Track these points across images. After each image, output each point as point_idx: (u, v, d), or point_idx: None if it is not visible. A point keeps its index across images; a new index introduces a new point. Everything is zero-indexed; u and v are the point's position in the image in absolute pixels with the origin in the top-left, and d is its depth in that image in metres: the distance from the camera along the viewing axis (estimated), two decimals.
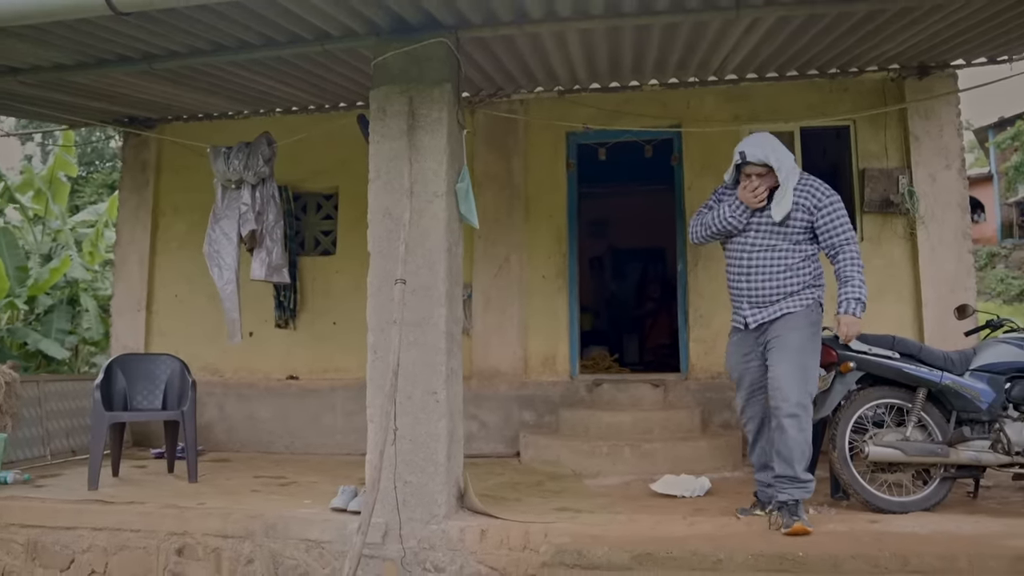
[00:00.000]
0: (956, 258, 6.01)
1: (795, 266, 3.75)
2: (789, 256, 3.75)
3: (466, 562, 3.64)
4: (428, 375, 3.81)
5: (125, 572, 4.05)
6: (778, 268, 3.74)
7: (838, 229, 3.74)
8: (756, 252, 3.79)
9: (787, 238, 3.76)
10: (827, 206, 3.74)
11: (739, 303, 3.88)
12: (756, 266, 3.78)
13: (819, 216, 3.74)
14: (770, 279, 3.75)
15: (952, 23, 4.60)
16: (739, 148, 3.80)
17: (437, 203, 3.92)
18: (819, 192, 3.77)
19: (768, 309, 3.76)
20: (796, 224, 3.75)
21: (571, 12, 4.00)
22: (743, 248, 3.83)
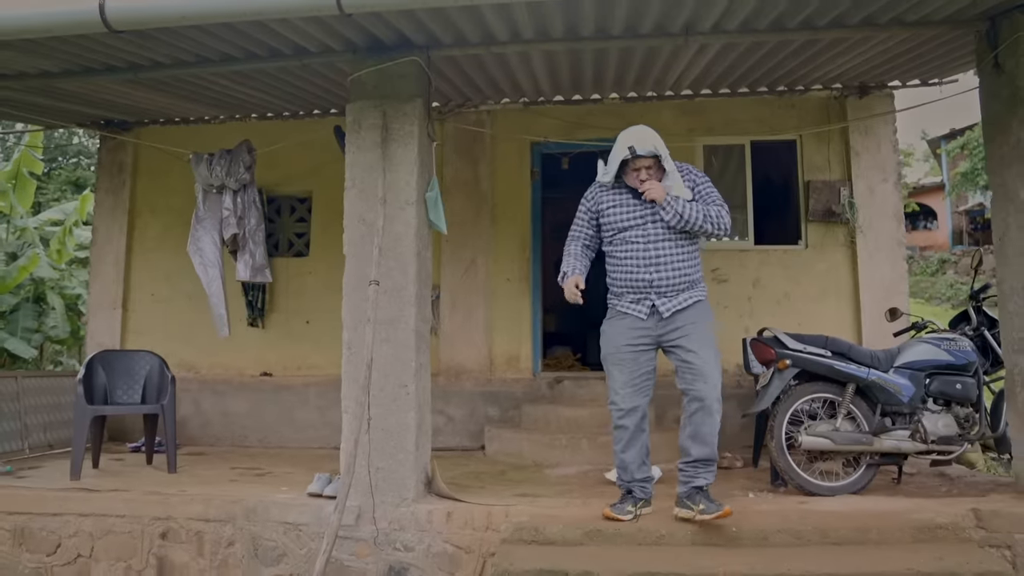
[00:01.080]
0: (891, 264, 6.47)
1: (694, 255, 3.83)
2: (688, 245, 3.79)
3: (433, 541, 3.95)
4: (399, 370, 4.11)
5: (110, 555, 4.28)
6: (682, 257, 3.76)
7: (714, 195, 3.85)
8: (660, 243, 3.74)
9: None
10: (704, 182, 3.87)
11: (640, 294, 3.77)
12: (663, 256, 3.73)
13: (697, 193, 3.83)
14: (678, 268, 3.73)
15: (882, 51, 5.04)
16: (625, 143, 3.71)
17: (408, 211, 4.22)
18: (694, 173, 3.90)
19: (679, 297, 3.74)
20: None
21: (534, 35, 4.33)
22: (645, 240, 3.75)
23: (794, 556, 3.28)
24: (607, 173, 3.85)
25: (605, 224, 3.87)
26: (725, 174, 6.90)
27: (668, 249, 3.75)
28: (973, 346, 4.72)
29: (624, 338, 3.79)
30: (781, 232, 6.85)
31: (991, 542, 3.66)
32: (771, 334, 4.71)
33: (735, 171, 6.89)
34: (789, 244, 6.74)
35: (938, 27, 4.31)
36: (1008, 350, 4.19)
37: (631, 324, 3.79)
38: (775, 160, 7.13)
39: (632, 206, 3.80)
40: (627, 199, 3.83)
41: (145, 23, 3.56)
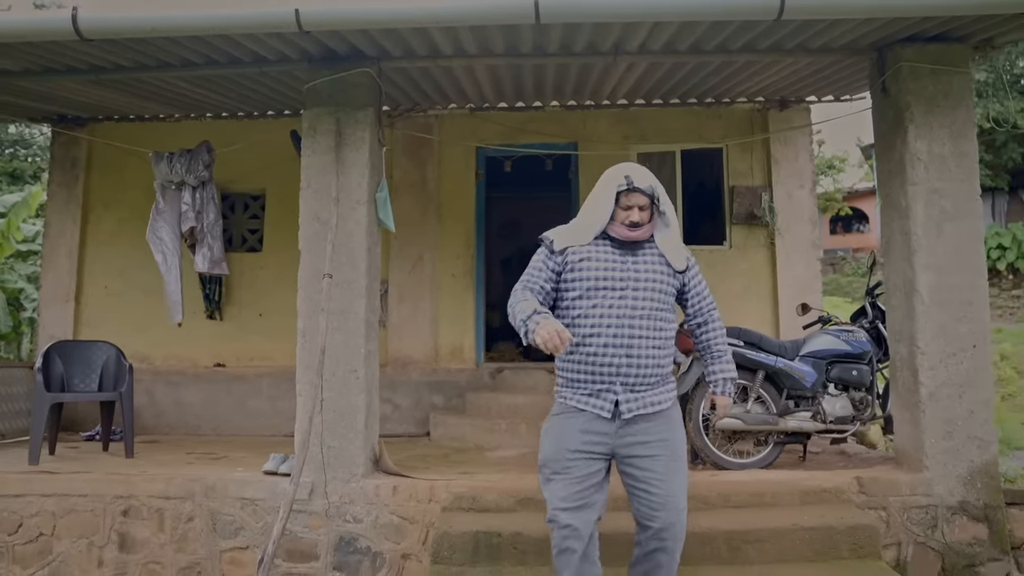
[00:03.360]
0: (806, 264, 7.06)
1: (670, 340, 2.93)
2: (668, 328, 2.90)
3: (381, 513, 4.33)
4: (350, 356, 4.47)
5: (72, 533, 4.53)
6: (659, 341, 2.85)
7: (706, 292, 3.05)
8: (640, 319, 2.82)
9: (666, 300, 2.89)
10: (695, 265, 3.03)
11: (603, 385, 2.83)
12: (641, 336, 2.81)
13: (690, 276, 2.99)
14: (652, 356, 2.83)
15: (794, 71, 5.59)
16: (621, 173, 2.90)
17: (359, 210, 4.58)
18: (685, 249, 3.04)
19: (646, 396, 2.84)
20: (674, 284, 2.95)
21: (477, 51, 4.72)
22: (621, 311, 2.81)
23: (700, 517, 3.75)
24: (592, 214, 2.91)
25: (570, 282, 2.88)
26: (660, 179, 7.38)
27: (648, 329, 2.82)
28: (868, 337, 5.30)
29: (574, 441, 2.83)
30: (709, 233, 7.39)
31: (870, 504, 4.22)
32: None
33: (667, 176, 7.40)
34: (715, 244, 7.28)
35: (837, 54, 4.84)
36: (892, 339, 4.76)
37: (586, 424, 2.84)
38: (704, 166, 7.66)
39: (614, 261, 2.86)
40: (609, 251, 2.88)
41: (116, 33, 3.83)
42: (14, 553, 4.54)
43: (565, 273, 2.89)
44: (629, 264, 2.87)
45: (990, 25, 4.19)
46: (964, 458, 4.32)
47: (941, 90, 4.48)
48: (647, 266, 2.88)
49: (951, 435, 4.33)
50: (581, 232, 2.92)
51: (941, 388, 4.36)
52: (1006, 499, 4.33)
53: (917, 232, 4.45)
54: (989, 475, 4.31)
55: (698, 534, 3.59)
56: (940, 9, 3.68)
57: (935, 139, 4.47)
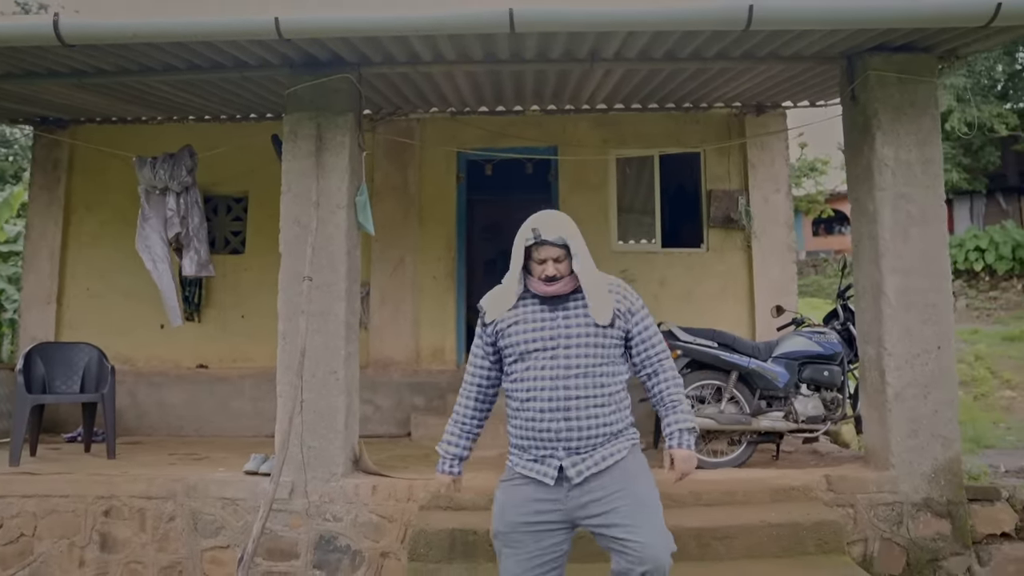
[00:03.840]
0: (781, 267, 7.19)
1: (619, 394, 2.71)
2: (610, 380, 2.68)
3: (360, 512, 4.40)
4: (329, 357, 4.54)
5: (54, 533, 4.57)
6: (603, 398, 2.65)
7: (655, 339, 2.79)
8: (572, 376, 2.62)
9: (606, 355, 2.68)
10: (641, 310, 2.78)
11: (544, 448, 2.63)
12: (575, 396, 2.61)
13: (634, 322, 2.75)
14: (596, 415, 2.63)
15: (769, 78, 5.71)
16: (531, 225, 2.70)
17: (339, 213, 4.65)
18: (631, 294, 2.80)
19: (593, 456, 2.62)
20: (614, 336, 2.71)
21: (456, 57, 4.81)
22: (554, 371, 2.63)
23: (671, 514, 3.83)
24: (510, 274, 2.75)
25: (506, 348, 2.73)
26: (639, 183, 7.53)
27: (586, 388, 2.63)
28: (840, 339, 5.42)
29: (521, 512, 2.65)
30: (687, 236, 7.51)
31: (838, 502, 4.34)
32: (666, 328, 5.30)
33: (646, 180, 7.52)
34: (693, 247, 7.40)
35: (808, 61, 4.96)
36: (861, 341, 4.88)
37: (534, 493, 2.64)
38: (682, 170, 7.78)
39: (543, 320, 2.69)
40: (536, 310, 2.71)
41: (98, 39, 3.89)
42: None
43: (499, 340, 2.74)
44: (559, 320, 2.67)
45: (953, 36, 4.33)
46: (929, 456, 4.44)
47: (907, 98, 4.61)
48: (577, 320, 2.66)
49: (916, 434, 4.46)
50: (507, 295, 2.75)
51: (907, 388, 4.49)
52: (969, 495, 4.46)
53: (884, 236, 4.57)
54: (952, 472, 4.43)
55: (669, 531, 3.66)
56: (899, 22, 3.81)
57: (902, 146, 4.60)
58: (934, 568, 4.33)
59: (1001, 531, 4.45)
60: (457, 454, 2.91)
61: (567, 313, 2.69)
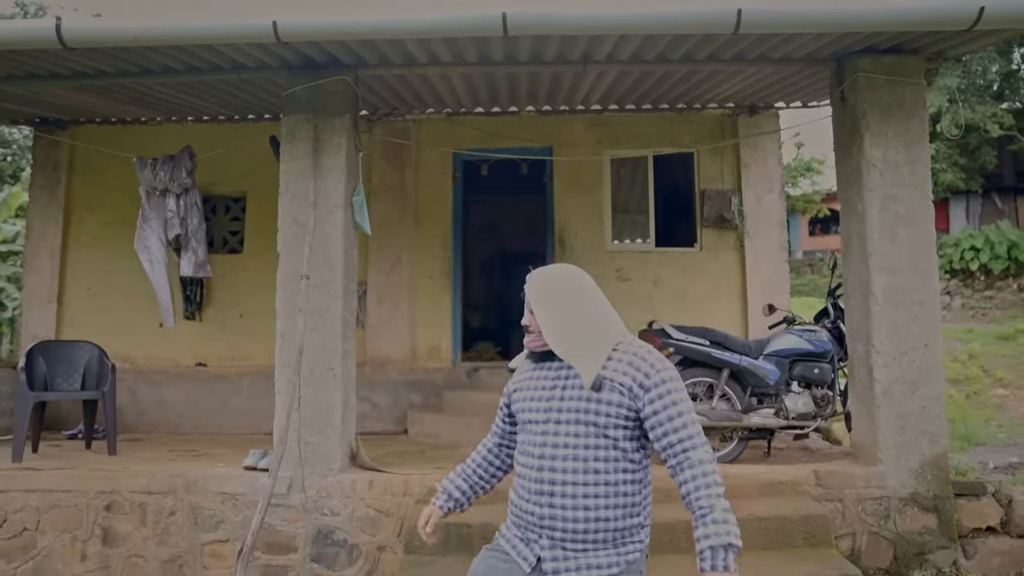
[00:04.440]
0: (774, 266, 7.27)
1: (619, 485, 2.18)
2: (605, 466, 2.18)
3: (357, 506, 4.48)
4: (327, 355, 4.61)
5: (56, 528, 4.64)
6: (594, 486, 2.17)
7: (678, 422, 2.15)
8: (563, 458, 2.19)
9: (600, 434, 2.18)
10: (659, 386, 2.17)
11: (530, 530, 2.24)
12: (560, 481, 2.18)
13: (647, 400, 2.17)
14: (588, 506, 2.16)
15: (760, 79, 5.79)
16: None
17: (336, 213, 4.73)
18: (650, 366, 2.20)
19: (578, 560, 2.18)
20: (611, 411, 2.17)
21: (451, 60, 4.89)
22: (543, 447, 2.23)
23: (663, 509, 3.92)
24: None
25: (515, 415, 2.40)
26: (633, 184, 7.61)
27: (577, 473, 2.17)
28: (830, 337, 5.50)
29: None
30: (680, 236, 7.58)
31: (827, 497, 4.42)
32: (659, 326, 5.38)
33: (640, 180, 7.59)
34: (686, 247, 7.48)
35: (798, 64, 5.04)
36: (850, 338, 4.96)
37: (506, 572, 2.27)
38: (676, 171, 7.86)
39: (541, 388, 2.32)
40: (541, 375, 2.35)
41: (99, 43, 3.96)
42: None
43: (512, 404, 2.41)
44: (557, 390, 2.27)
45: (939, 39, 4.41)
46: (916, 451, 4.53)
47: (895, 100, 4.69)
48: (572, 391, 2.23)
49: (904, 430, 4.54)
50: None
51: (895, 385, 4.57)
52: (955, 490, 4.54)
53: (872, 236, 4.65)
54: (939, 467, 4.52)
55: (660, 524, 3.68)
56: (884, 26, 3.89)
57: (890, 147, 4.68)
58: (920, 561, 4.41)
59: (987, 525, 4.53)
60: (449, 490, 2.54)
61: (565, 383, 2.27)
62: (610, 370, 2.21)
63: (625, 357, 2.23)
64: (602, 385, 2.21)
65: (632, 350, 2.24)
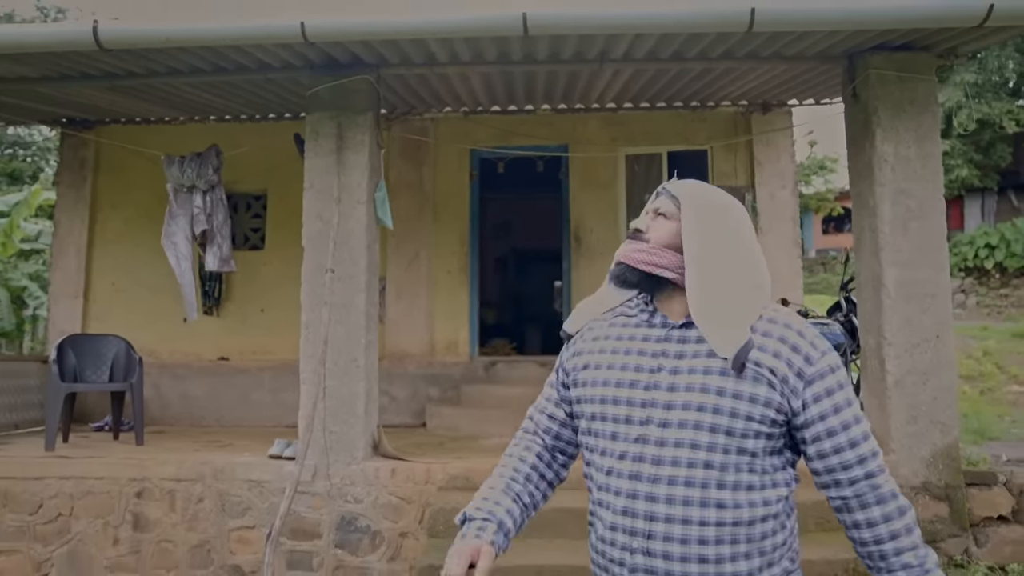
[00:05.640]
0: (788, 262, 7.35)
1: (753, 523, 1.44)
2: (740, 496, 1.44)
3: (380, 494, 4.61)
4: (351, 346, 4.75)
5: (89, 513, 4.80)
6: (716, 524, 1.43)
7: (857, 431, 1.47)
8: (666, 472, 1.44)
9: (736, 446, 1.43)
10: (825, 374, 1.47)
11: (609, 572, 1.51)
12: (664, 512, 1.43)
13: (809, 398, 1.46)
14: (701, 553, 1.43)
15: (773, 77, 5.88)
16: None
17: (359, 209, 4.86)
18: (807, 342, 1.48)
19: None
20: (754, 411, 1.44)
21: (471, 59, 5.00)
22: (635, 460, 1.47)
23: None
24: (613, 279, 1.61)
25: (576, 403, 1.62)
26: (648, 180, 7.70)
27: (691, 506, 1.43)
28: (843, 330, 5.59)
29: None
30: None
31: None
32: None
33: (655, 177, 7.68)
34: None
35: (811, 61, 5.13)
36: (862, 331, 5.04)
37: None
38: (690, 168, 7.92)
39: (633, 356, 1.54)
40: (637, 332, 1.57)
41: (134, 44, 4.11)
42: (35, 532, 4.81)
43: (573, 390, 1.63)
44: (669, 357, 1.50)
45: (950, 36, 4.48)
46: (927, 441, 4.60)
47: (907, 96, 4.76)
48: (695, 373, 1.47)
49: (915, 420, 4.62)
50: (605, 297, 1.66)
51: (906, 376, 4.65)
52: (966, 480, 4.61)
53: (884, 230, 4.73)
54: (951, 457, 4.59)
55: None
56: (896, 23, 3.97)
57: (901, 142, 4.76)
58: (932, 549, 4.48)
59: (998, 514, 4.60)
60: (501, 518, 1.57)
61: (681, 354, 1.50)
62: (754, 348, 1.45)
63: (775, 330, 1.47)
64: (743, 369, 1.44)
65: (784, 321, 1.49)
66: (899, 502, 1.47)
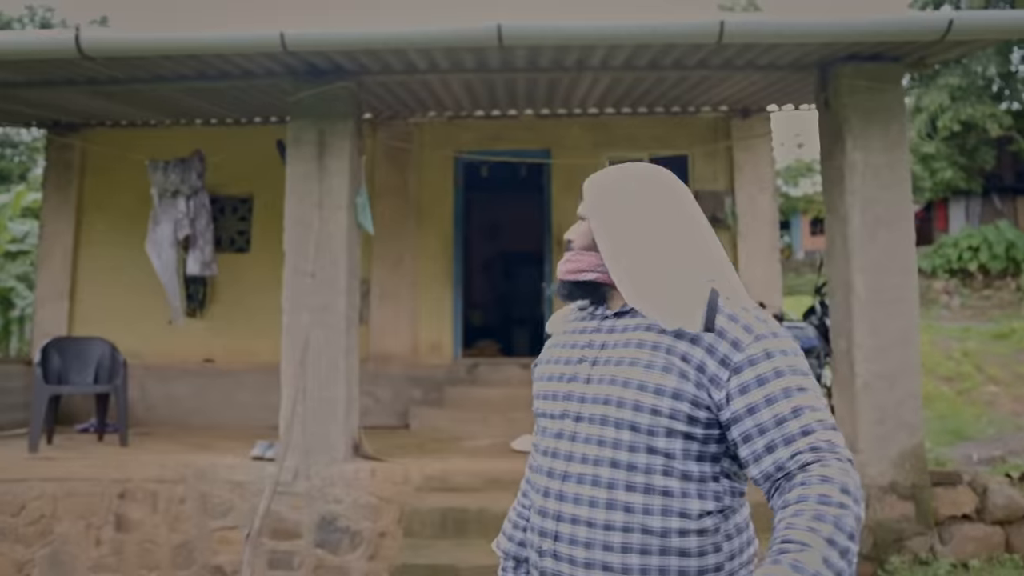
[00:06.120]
0: (767, 265, 7.46)
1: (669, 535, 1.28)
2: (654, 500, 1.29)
3: (359, 494, 4.69)
4: (331, 349, 4.83)
5: (72, 514, 4.86)
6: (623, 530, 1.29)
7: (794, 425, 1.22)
8: (575, 469, 1.35)
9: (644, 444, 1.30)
10: (757, 361, 1.27)
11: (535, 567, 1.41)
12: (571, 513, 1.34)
13: (735, 387, 1.26)
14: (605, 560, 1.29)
15: (750, 84, 5.98)
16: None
17: (340, 214, 4.94)
18: (738, 325, 1.31)
19: None
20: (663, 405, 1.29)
21: (449, 67, 5.09)
22: (549, 450, 1.42)
23: None
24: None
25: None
26: None
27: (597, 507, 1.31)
28: (817, 333, 5.71)
29: None
30: None
31: None
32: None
33: None
34: None
35: (784, 70, 5.25)
36: (833, 335, 5.16)
37: None
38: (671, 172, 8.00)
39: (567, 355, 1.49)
40: (576, 338, 1.51)
41: (117, 52, 4.18)
42: (17, 533, 4.86)
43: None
44: (593, 348, 1.43)
45: (916, 48, 4.60)
46: (894, 443, 4.72)
47: (876, 105, 4.88)
48: (607, 364, 1.38)
49: (883, 422, 4.73)
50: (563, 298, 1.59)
51: (874, 379, 4.76)
52: (933, 480, 4.74)
53: (854, 236, 4.84)
54: (917, 457, 4.71)
55: None
56: (860, 36, 4.09)
57: (871, 150, 4.87)
58: (899, 547, 4.60)
59: (962, 512, 4.73)
60: (511, 551, 1.58)
61: (603, 346, 1.42)
62: (652, 329, 1.35)
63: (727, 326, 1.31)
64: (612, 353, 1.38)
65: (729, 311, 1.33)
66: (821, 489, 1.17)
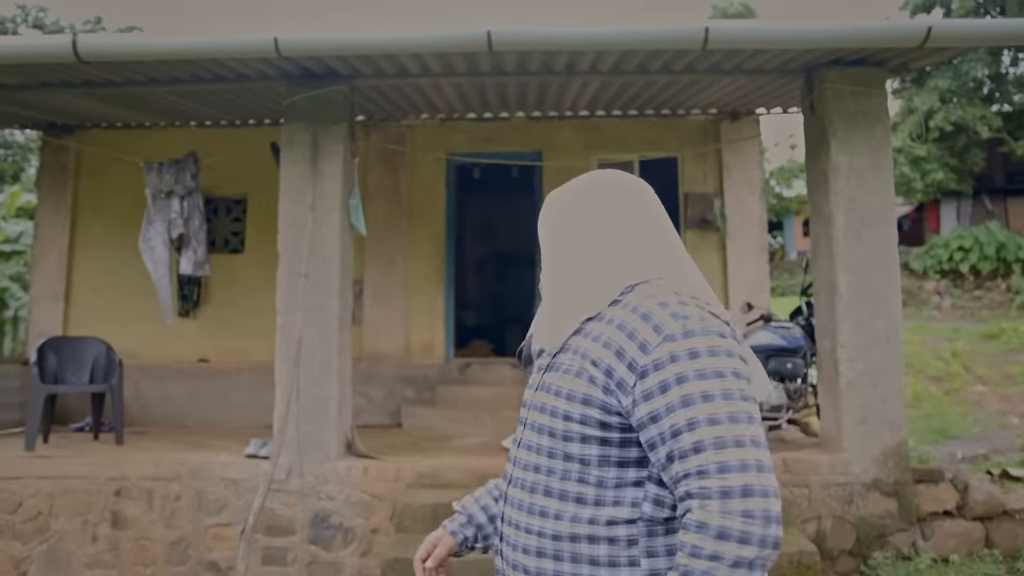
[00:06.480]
0: (755, 266, 7.56)
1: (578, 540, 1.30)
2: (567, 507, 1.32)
3: (352, 491, 4.76)
4: (324, 349, 4.90)
5: (69, 512, 4.92)
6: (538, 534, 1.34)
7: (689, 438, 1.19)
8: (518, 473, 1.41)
9: (560, 450, 1.33)
10: (662, 365, 1.23)
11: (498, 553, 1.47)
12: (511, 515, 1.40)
13: (639, 393, 1.24)
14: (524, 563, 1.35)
15: (738, 87, 6.07)
16: None
17: (333, 215, 5.01)
18: (648, 326, 1.27)
19: None
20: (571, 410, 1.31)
21: (441, 71, 5.17)
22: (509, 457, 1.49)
23: None
24: None
25: None
26: None
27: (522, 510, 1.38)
28: (804, 333, 5.80)
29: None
30: None
31: (794, 483, 4.71)
32: None
33: None
34: None
35: (770, 75, 5.34)
36: (818, 334, 5.25)
37: None
38: (661, 174, 8.11)
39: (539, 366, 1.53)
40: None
41: (112, 57, 4.24)
42: (14, 530, 4.92)
43: None
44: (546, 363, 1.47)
45: (898, 54, 4.70)
46: (878, 440, 4.81)
47: (860, 109, 4.97)
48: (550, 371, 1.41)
49: (866, 420, 4.83)
50: None
51: (858, 378, 4.85)
52: (915, 477, 4.83)
53: (838, 237, 4.94)
54: (900, 455, 4.80)
55: None
56: (842, 42, 4.19)
57: (855, 153, 4.97)
58: (881, 543, 4.70)
59: (944, 509, 4.82)
60: (458, 508, 1.64)
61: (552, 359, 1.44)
62: (583, 334, 1.34)
63: (617, 315, 1.31)
64: (556, 359, 1.38)
65: (633, 304, 1.31)
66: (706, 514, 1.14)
